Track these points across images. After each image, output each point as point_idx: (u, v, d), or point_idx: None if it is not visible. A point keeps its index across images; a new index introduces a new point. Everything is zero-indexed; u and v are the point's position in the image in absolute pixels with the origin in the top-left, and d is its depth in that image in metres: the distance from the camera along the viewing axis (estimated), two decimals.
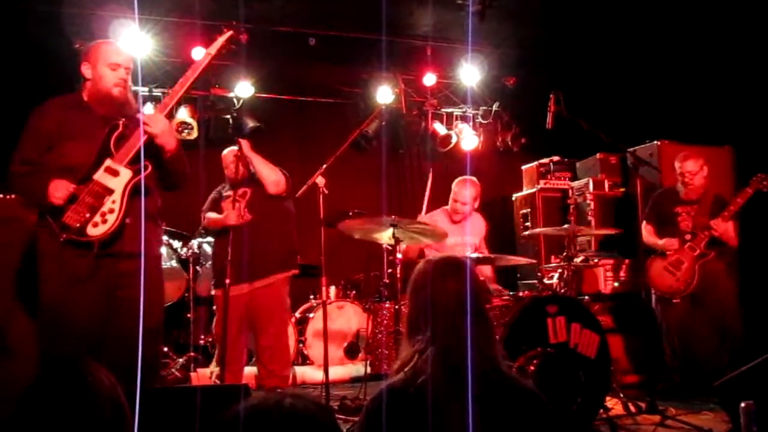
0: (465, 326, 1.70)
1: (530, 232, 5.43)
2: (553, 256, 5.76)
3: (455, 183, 4.89)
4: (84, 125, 2.93)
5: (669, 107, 5.82)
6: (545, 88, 4.44)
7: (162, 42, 6.03)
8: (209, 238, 5.62)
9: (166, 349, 5.09)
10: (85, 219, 2.76)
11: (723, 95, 5.42)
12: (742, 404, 1.81)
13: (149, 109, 5.29)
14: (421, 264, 1.86)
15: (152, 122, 2.91)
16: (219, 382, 4.07)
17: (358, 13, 5.90)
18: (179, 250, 5.46)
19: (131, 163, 2.87)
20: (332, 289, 5.98)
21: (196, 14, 5.55)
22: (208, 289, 5.48)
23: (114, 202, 2.80)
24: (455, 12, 5.79)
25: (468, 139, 6.97)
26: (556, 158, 6.37)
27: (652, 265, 4.61)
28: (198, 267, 5.49)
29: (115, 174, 2.84)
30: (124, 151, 2.87)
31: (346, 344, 5.67)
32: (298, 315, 5.73)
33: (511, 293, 4.27)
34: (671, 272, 4.51)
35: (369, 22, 5.76)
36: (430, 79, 6.74)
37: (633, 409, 3.89)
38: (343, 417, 3.81)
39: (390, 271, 5.07)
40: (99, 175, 2.82)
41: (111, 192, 2.81)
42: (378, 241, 4.27)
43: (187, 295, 5.37)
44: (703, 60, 5.53)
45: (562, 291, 4.19)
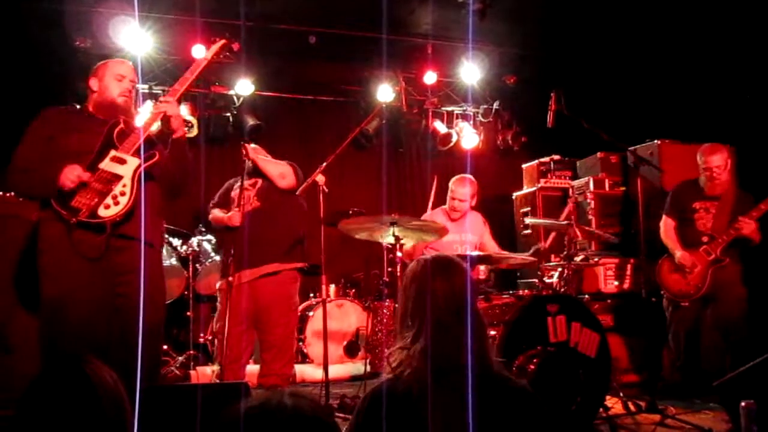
0: (453, 325, 1.70)
1: (531, 221, 5.45)
2: (553, 255, 5.77)
3: (453, 181, 4.91)
4: (85, 125, 3.01)
5: (669, 106, 5.81)
6: (546, 86, 4.44)
7: (162, 39, 6.03)
8: (209, 236, 5.63)
9: (165, 347, 5.09)
10: (95, 203, 2.80)
11: (723, 94, 5.41)
12: (743, 404, 1.82)
13: (149, 107, 5.30)
14: (414, 263, 1.86)
15: (166, 102, 3.07)
16: (219, 380, 4.06)
17: (358, 11, 5.90)
18: (179, 248, 5.47)
19: (138, 153, 2.93)
20: (332, 288, 5.99)
21: (197, 12, 5.56)
22: (207, 287, 5.49)
23: (125, 186, 2.87)
24: (456, 10, 5.77)
25: (468, 137, 6.97)
26: (556, 157, 6.36)
27: (663, 265, 4.51)
28: (198, 265, 5.49)
29: (122, 162, 2.91)
30: (129, 142, 2.95)
31: (345, 342, 5.68)
32: (297, 313, 5.72)
33: (510, 292, 4.27)
34: (682, 275, 4.41)
35: (370, 20, 5.76)
36: (430, 77, 6.74)
37: (633, 408, 3.89)
38: (342, 415, 3.81)
39: (390, 269, 5.08)
40: (105, 164, 2.88)
41: (120, 178, 2.87)
42: (378, 240, 4.26)
43: (186, 293, 5.37)
44: (704, 59, 5.53)
45: (563, 290, 4.19)
